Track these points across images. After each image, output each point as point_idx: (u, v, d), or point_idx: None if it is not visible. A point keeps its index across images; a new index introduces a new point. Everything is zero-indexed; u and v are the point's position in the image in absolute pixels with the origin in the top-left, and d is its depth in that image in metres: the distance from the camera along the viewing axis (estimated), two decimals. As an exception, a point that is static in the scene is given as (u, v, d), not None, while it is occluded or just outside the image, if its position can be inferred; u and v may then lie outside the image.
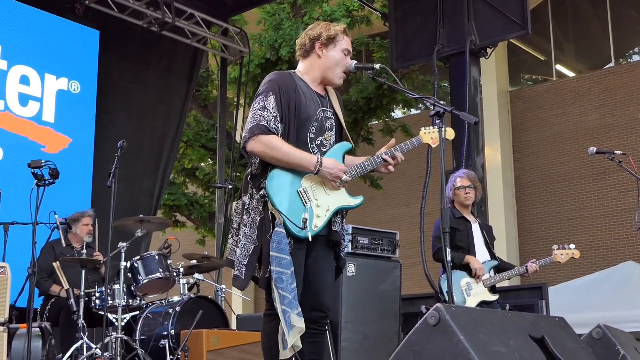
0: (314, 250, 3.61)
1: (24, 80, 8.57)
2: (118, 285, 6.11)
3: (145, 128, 10.08)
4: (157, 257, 6.44)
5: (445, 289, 5.60)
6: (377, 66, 3.73)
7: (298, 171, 3.57)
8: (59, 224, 6.48)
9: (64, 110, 8.87)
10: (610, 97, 15.73)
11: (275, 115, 3.52)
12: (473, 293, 5.77)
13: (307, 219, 3.48)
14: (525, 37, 11.73)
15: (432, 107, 3.77)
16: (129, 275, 6.32)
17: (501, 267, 6.00)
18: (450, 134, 3.76)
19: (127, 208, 8.99)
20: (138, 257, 6.44)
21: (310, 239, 3.50)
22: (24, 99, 8.52)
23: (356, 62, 3.78)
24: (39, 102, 8.66)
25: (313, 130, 3.63)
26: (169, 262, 6.51)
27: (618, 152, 6.03)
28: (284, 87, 3.58)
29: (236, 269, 3.52)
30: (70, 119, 8.93)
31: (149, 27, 9.66)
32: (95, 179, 8.91)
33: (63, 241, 6.55)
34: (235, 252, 3.57)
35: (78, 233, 6.81)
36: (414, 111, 17.40)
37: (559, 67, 17.38)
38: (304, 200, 3.53)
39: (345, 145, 3.72)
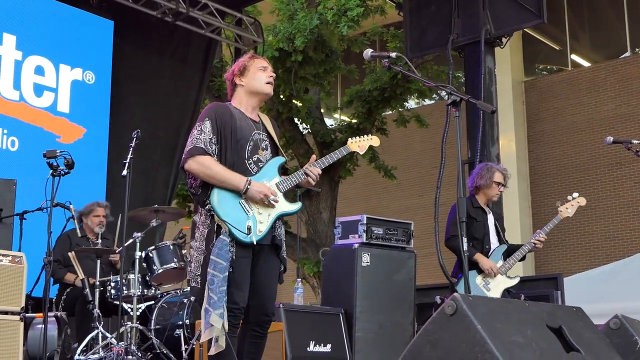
0: (261, 259, 3.92)
1: (39, 71, 8.60)
2: (133, 275, 6.14)
3: (160, 118, 10.08)
4: (171, 246, 6.46)
5: (462, 292, 5.57)
6: (393, 54, 3.75)
7: None
8: (73, 213, 6.50)
9: (78, 100, 8.89)
10: (625, 86, 15.61)
11: (210, 137, 3.86)
12: (492, 287, 5.73)
13: (250, 226, 3.80)
14: (540, 26, 11.66)
15: (447, 96, 3.76)
16: (144, 264, 6.33)
17: (510, 249, 5.93)
18: (375, 141, 4.28)
19: (141, 198, 9.01)
20: (153, 247, 6.45)
21: (255, 243, 3.80)
22: (38, 89, 8.55)
23: (372, 50, 3.78)
24: (53, 93, 8.68)
25: (249, 149, 3.97)
26: (183, 251, 6.53)
27: (635, 142, 5.93)
28: (219, 113, 3.94)
29: (192, 281, 3.84)
30: (85, 109, 8.95)
31: (162, 17, 9.65)
32: (110, 169, 8.93)
33: (78, 231, 6.57)
34: (191, 269, 3.87)
35: (89, 224, 6.82)
36: (427, 101, 17.33)
37: (574, 57, 17.26)
38: (245, 210, 3.84)
39: (279, 159, 4.07)
